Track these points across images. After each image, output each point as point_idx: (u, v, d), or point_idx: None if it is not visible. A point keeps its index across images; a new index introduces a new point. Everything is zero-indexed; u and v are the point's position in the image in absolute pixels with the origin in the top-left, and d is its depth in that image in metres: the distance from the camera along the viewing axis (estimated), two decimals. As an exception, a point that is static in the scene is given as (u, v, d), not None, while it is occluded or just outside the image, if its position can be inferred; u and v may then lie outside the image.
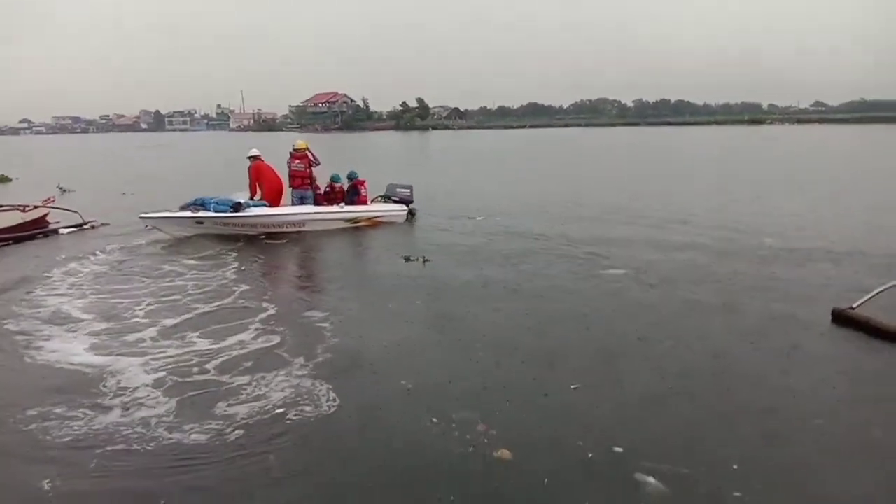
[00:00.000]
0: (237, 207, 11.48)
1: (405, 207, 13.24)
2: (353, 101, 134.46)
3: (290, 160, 12.38)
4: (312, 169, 12.46)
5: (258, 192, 12.18)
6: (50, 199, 13.74)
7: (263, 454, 4.06)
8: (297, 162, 12.32)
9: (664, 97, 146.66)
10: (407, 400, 4.81)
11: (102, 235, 11.78)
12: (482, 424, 4.34)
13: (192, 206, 11.61)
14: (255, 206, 11.86)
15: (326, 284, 8.58)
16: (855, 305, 6.32)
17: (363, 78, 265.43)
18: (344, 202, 12.76)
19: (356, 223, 12.56)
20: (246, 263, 9.50)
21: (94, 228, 12.50)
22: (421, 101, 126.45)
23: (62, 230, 12.22)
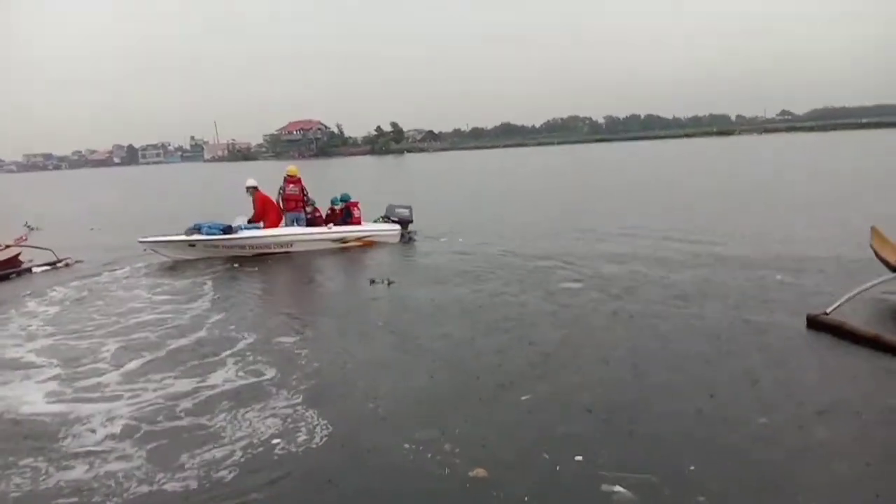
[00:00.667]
0: (228, 230, 12.17)
1: (398, 228, 13.44)
2: (327, 127, 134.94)
3: (283, 185, 13.02)
4: (306, 192, 13.14)
5: (262, 221, 12.81)
6: (22, 237, 13.56)
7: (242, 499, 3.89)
8: (291, 186, 12.99)
9: (634, 112, 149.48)
10: (380, 424, 4.79)
11: (76, 273, 11.59)
12: (451, 444, 4.35)
13: (190, 230, 12.23)
14: (245, 228, 12.45)
15: (294, 311, 8.45)
16: (828, 310, 6.42)
17: (337, 104, 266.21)
18: (338, 224, 13.13)
19: (345, 244, 12.90)
20: (220, 292, 9.52)
21: (68, 266, 12.30)
22: (395, 125, 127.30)
23: (36, 269, 12.02)
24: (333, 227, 13.08)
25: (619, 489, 3.74)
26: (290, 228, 12.89)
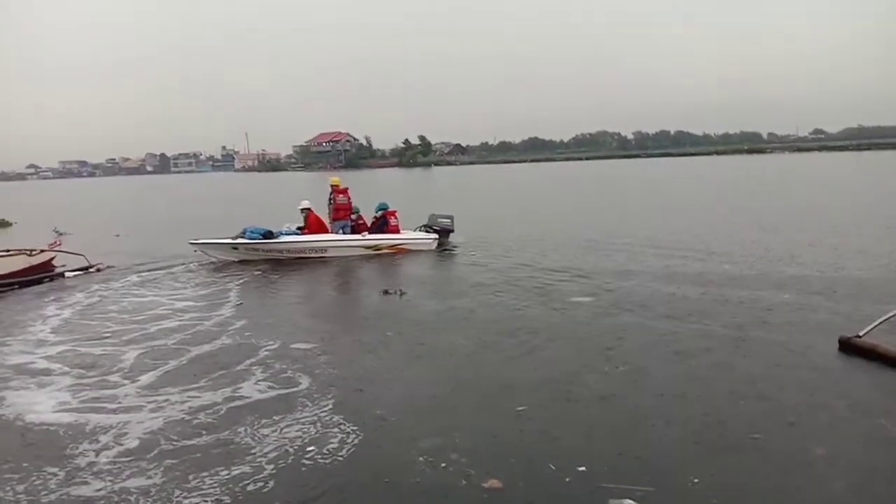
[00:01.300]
0: (268, 235, 12.99)
1: (431, 237, 13.90)
2: (356, 139, 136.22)
3: (332, 195, 13.66)
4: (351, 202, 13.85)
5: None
6: (56, 242, 13.84)
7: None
8: (340, 196, 13.65)
9: (664, 128, 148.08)
10: (394, 436, 4.79)
11: (104, 278, 11.86)
12: (464, 455, 4.38)
13: (239, 234, 13.20)
14: (286, 234, 13.24)
15: (309, 321, 8.55)
16: (861, 333, 6.27)
17: (366, 116, 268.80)
18: (376, 231, 13.82)
19: (378, 251, 13.46)
20: (243, 299, 9.74)
21: (99, 271, 12.56)
22: (423, 138, 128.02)
23: (68, 273, 12.29)
24: (368, 234, 13.66)
25: (628, 502, 3.75)
26: (324, 235, 13.48)
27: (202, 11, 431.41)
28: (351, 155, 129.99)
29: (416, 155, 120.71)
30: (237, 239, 13.11)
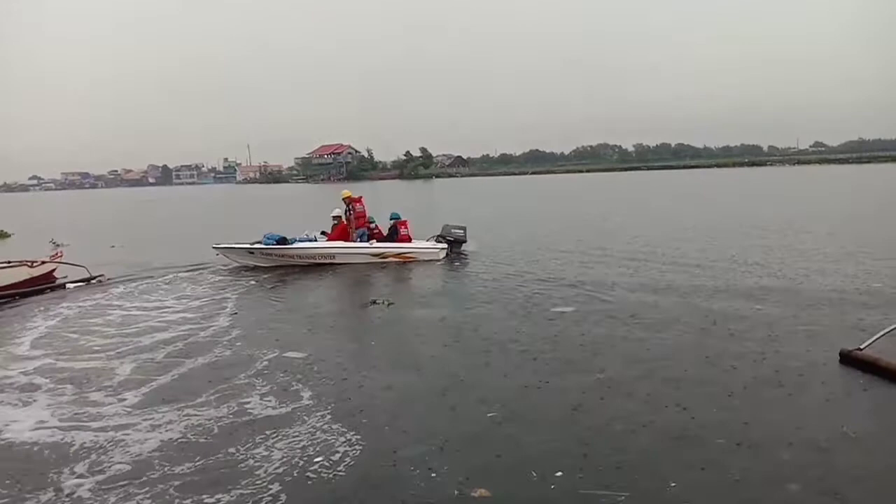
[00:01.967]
0: (282, 241, 13.72)
1: (439, 247, 14.24)
2: (357, 151, 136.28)
3: (350, 206, 14.26)
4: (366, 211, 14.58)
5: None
6: (57, 254, 13.86)
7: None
8: (358, 206, 14.32)
9: (664, 141, 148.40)
10: (382, 447, 4.82)
11: (107, 290, 11.89)
12: (451, 464, 4.47)
13: (257, 241, 14.01)
14: (300, 240, 13.97)
15: (299, 331, 8.62)
16: (863, 346, 6.27)
17: (367, 128, 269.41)
18: (387, 240, 14.33)
19: (384, 258, 13.87)
20: (237, 309, 9.89)
21: (100, 283, 12.58)
22: (424, 150, 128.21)
23: (70, 285, 12.31)
24: (375, 242, 14.17)
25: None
26: (334, 242, 14.16)
27: (206, 22, 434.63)
28: (352, 167, 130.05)
29: (417, 167, 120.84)
30: (255, 244, 13.83)
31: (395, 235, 14.36)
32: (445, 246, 14.33)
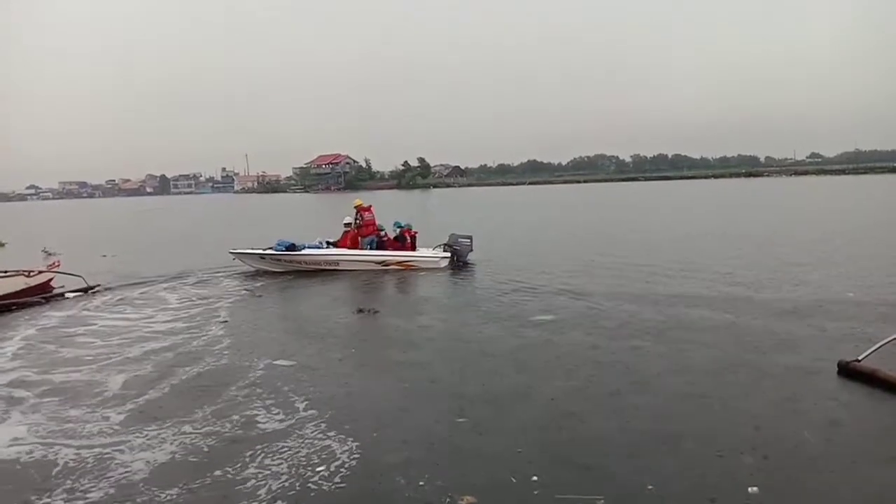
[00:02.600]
0: (291, 248, 14.26)
1: (441, 255, 14.50)
2: (355, 161, 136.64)
3: (359, 214, 14.71)
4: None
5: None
6: (55, 263, 13.82)
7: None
8: (367, 214, 14.72)
9: (661, 152, 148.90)
10: (368, 458, 4.81)
11: (98, 300, 11.85)
12: (435, 472, 4.50)
13: (270, 246, 14.53)
14: (308, 247, 14.44)
15: (286, 339, 8.62)
16: (861, 357, 6.26)
17: (365, 138, 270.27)
18: (394, 247, 14.70)
19: (386, 266, 14.15)
20: (230, 318, 9.92)
21: (98, 292, 12.54)
22: (422, 160, 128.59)
23: (68, 294, 12.26)
24: (379, 250, 14.54)
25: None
26: (339, 249, 14.59)
27: (205, 33, 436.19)
28: (350, 177, 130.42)
29: (415, 177, 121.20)
30: (266, 250, 14.37)
31: (402, 242, 14.78)
32: (447, 255, 14.53)
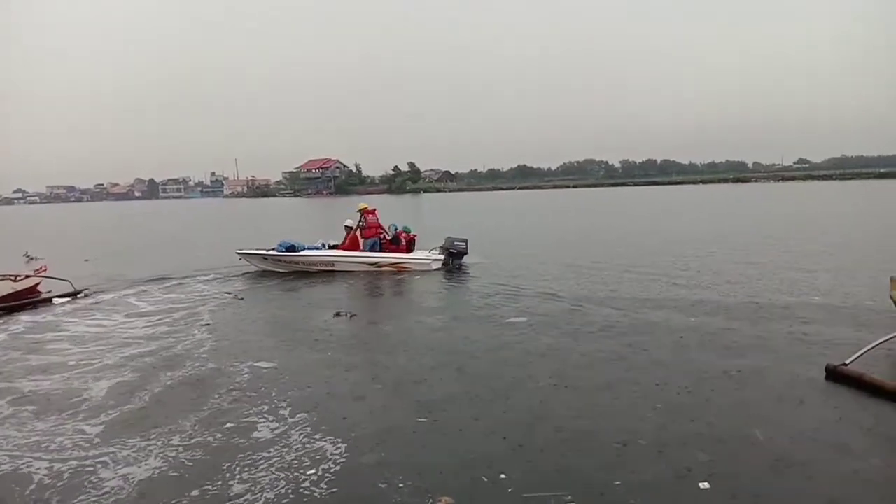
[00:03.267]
0: (291, 249, 14.81)
1: (434, 258, 14.75)
2: (345, 166, 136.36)
3: (363, 217, 15.18)
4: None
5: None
6: (42, 268, 13.70)
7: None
8: (371, 217, 15.19)
9: (651, 157, 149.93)
10: (350, 459, 4.85)
11: (85, 304, 11.75)
12: (412, 473, 4.55)
13: (273, 248, 15.11)
14: (308, 248, 14.98)
15: (263, 343, 8.61)
16: (848, 361, 6.30)
17: (355, 143, 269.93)
18: (390, 249, 15.03)
19: (379, 268, 14.54)
20: (212, 320, 9.94)
21: (86, 297, 12.44)
22: (412, 164, 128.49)
23: (56, 299, 12.14)
24: (375, 252, 14.96)
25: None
26: (335, 251, 15.08)
27: (192, 37, 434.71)
28: (340, 181, 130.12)
29: (405, 182, 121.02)
30: (270, 251, 14.92)
31: (396, 244, 15.08)
32: (440, 257, 14.75)
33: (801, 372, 6.52)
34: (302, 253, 14.86)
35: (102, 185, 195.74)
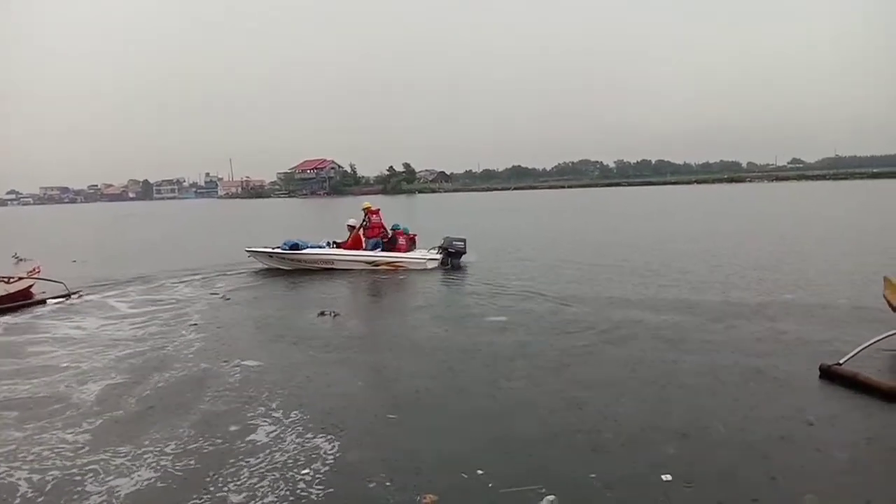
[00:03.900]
0: (294, 247, 15.34)
1: (430, 257, 14.91)
2: (340, 166, 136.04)
3: (367, 216, 15.47)
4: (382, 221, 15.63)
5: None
6: (35, 269, 13.63)
7: None
8: (374, 217, 15.48)
9: (645, 157, 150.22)
10: (335, 457, 4.85)
11: (83, 306, 11.69)
12: (394, 471, 4.56)
13: (278, 246, 15.63)
14: (311, 246, 15.48)
15: (250, 342, 8.67)
16: (842, 361, 6.31)
17: (350, 144, 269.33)
18: (389, 249, 15.32)
19: (377, 266, 14.81)
20: (200, 322, 9.93)
21: (80, 298, 12.38)
22: (407, 165, 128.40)
23: (49, 301, 12.06)
24: (374, 251, 15.29)
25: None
26: (334, 250, 15.49)
27: (188, 38, 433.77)
28: (335, 182, 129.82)
29: (400, 182, 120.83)
30: (275, 249, 15.45)
31: (394, 244, 15.31)
32: (437, 257, 14.89)
33: (794, 371, 6.52)
34: (304, 251, 15.35)
35: (96, 186, 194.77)
